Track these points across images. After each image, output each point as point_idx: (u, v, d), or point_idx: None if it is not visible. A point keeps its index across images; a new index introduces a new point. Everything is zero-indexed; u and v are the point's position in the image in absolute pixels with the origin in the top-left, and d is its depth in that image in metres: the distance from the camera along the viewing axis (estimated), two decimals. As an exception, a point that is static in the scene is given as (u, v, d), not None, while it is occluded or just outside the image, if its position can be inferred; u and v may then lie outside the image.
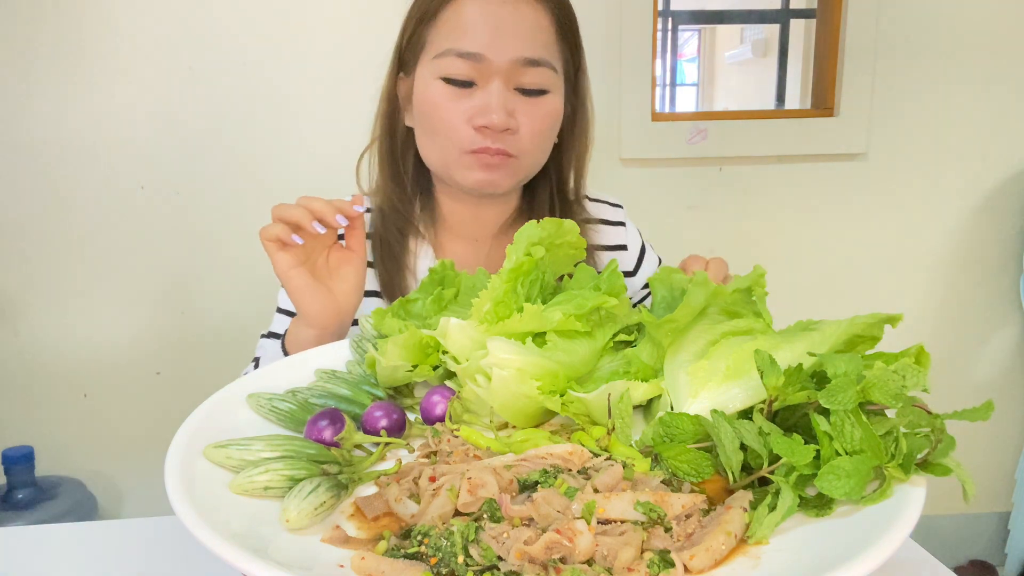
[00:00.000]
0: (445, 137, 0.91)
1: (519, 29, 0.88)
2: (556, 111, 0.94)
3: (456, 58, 0.88)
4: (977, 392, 2.13)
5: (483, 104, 0.88)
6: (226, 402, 0.65)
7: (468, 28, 0.88)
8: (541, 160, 0.97)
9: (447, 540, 0.45)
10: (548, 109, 0.92)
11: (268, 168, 1.84)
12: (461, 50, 0.87)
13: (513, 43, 0.87)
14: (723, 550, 0.45)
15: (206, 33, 1.76)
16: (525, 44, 0.88)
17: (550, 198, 1.03)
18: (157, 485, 0.53)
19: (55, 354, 1.87)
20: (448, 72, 0.89)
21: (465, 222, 1.02)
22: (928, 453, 0.50)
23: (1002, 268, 2.07)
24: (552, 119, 0.94)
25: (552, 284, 0.74)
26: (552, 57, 0.91)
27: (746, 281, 0.65)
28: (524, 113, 0.90)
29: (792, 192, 1.99)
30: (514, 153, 0.91)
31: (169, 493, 0.48)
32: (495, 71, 0.88)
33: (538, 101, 0.91)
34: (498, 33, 0.87)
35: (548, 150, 0.98)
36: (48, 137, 1.77)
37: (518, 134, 0.90)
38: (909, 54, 1.92)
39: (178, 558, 0.70)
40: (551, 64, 0.91)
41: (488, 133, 0.89)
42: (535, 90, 0.90)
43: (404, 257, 0.99)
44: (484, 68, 0.88)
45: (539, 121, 0.91)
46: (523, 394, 0.62)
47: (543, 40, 0.90)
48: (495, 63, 0.87)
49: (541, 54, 0.89)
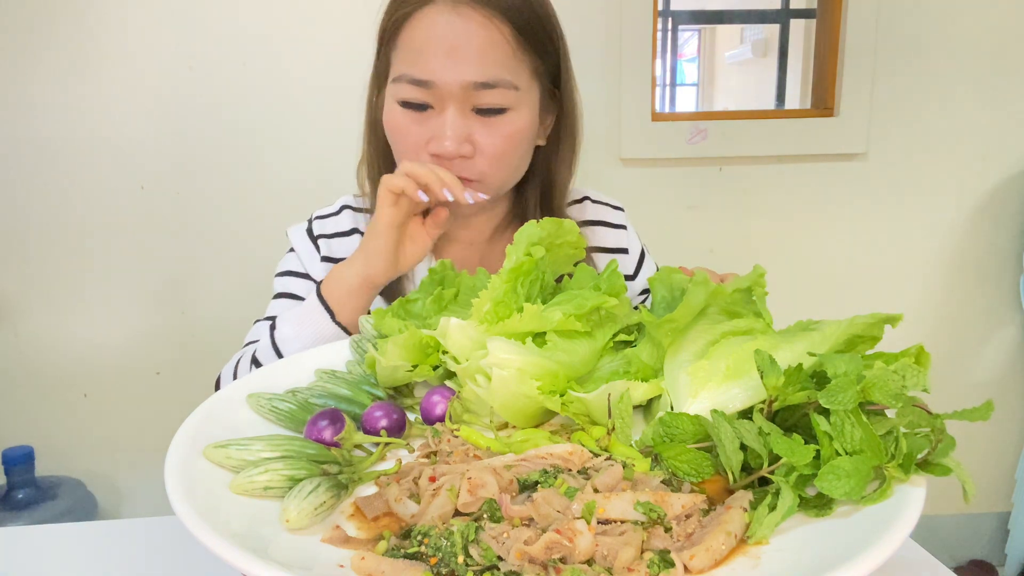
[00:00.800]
0: (408, 160, 0.90)
1: (468, 53, 0.85)
2: (519, 129, 0.91)
3: (408, 84, 0.87)
4: (977, 392, 2.13)
5: (437, 131, 0.87)
6: (226, 402, 0.65)
7: (419, 53, 0.87)
8: (511, 175, 0.95)
9: (447, 540, 0.45)
10: (509, 129, 0.90)
11: (268, 168, 1.84)
12: (412, 77, 0.87)
13: (463, 67, 0.85)
14: (723, 550, 0.45)
15: (206, 33, 1.76)
16: (476, 67, 0.86)
17: (539, 201, 1.02)
18: (157, 485, 0.53)
19: (55, 354, 1.87)
20: (404, 96, 0.88)
21: (455, 229, 1.02)
22: (928, 453, 0.50)
23: (1002, 268, 2.07)
24: (515, 138, 0.91)
25: (552, 284, 0.74)
26: (510, 74, 0.88)
27: (746, 281, 0.65)
28: (482, 135, 0.89)
29: (792, 192, 1.99)
30: (473, 177, 0.90)
31: (169, 493, 0.48)
32: (448, 96, 0.86)
33: (497, 121, 0.89)
34: (448, 57, 0.85)
35: (519, 165, 0.95)
36: (48, 137, 1.77)
37: (475, 159, 0.89)
38: (909, 54, 1.92)
39: (178, 558, 0.70)
40: (508, 83, 0.88)
41: (442, 161, 0.88)
42: (493, 110, 0.88)
43: None
44: (437, 94, 0.87)
45: (500, 142, 0.89)
46: (523, 394, 0.62)
47: (497, 58, 0.87)
48: (446, 89, 0.86)
49: (494, 75, 0.87)
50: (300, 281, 1.02)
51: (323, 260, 1.01)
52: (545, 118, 0.98)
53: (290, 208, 1.63)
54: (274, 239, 1.71)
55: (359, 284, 0.87)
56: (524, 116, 0.91)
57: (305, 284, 1.02)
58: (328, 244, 1.02)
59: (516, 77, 0.89)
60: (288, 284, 1.02)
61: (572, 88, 0.99)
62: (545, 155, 1.01)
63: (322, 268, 1.01)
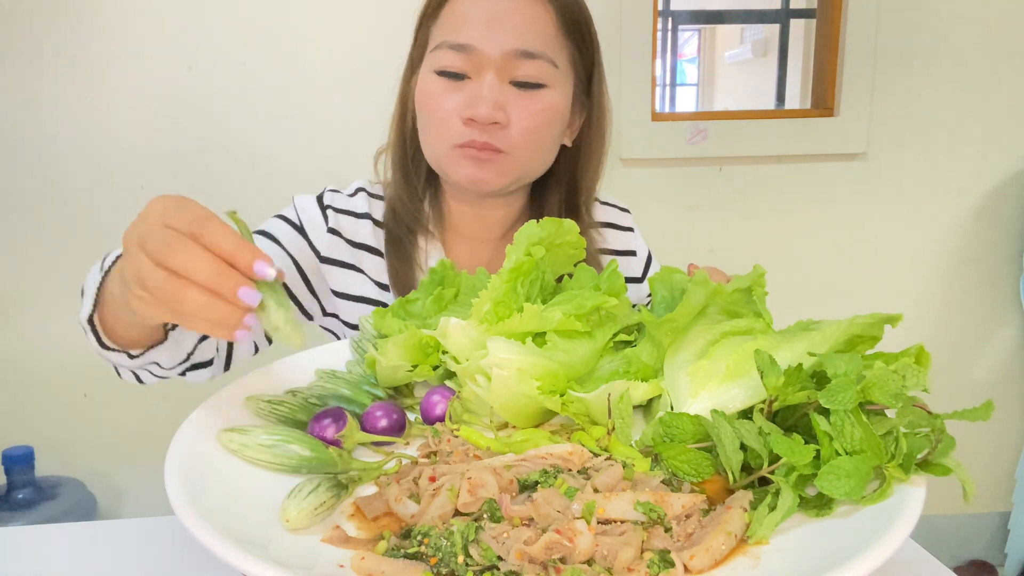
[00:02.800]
0: (437, 130, 0.90)
1: (514, 21, 0.86)
2: (553, 108, 0.90)
3: (449, 50, 0.87)
4: (977, 392, 2.13)
5: (472, 96, 0.86)
6: (226, 402, 0.65)
7: (463, 21, 0.87)
8: (538, 160, 0.94)
9: (447, 540, 0.45)
10: (544, 104, 0.89)
11: (268, 168, 1.84)
12: (453, 42, 0.87)
13: (506, 35, 0.85)
14: (723, 550, 0.45)
15: (206, 33, 1.76)
16: (519, 36, 0.86)
17: (559, 203, 1.01)
18: (157, 485, 0.53)
19: (55, 354, 1.87)
20: (442, 64, 0.88)
21: (468, 223, 1.01)
22: (928, 453, 0.50)
23: (1002, 268, 2.07)
24: (548, 115, 0.90)
25: (552, 284, 0.74)
26: (551, 51, 0.88)
27: (746, 281, 0.65)
28: (517, 107, 0.87)
29: (792, 192, 1.99)
30: (503, 148, 0.88)
31: (169, 493, 0.48)
32: (487, 63, 0.86)
33: (533, 95, 0.88)
34: (492, 25, 0.86)
35: (547, 150, 0.94)
36: (48, 136, 1.77)
37: (508, 129, 0.87)
38: (909, 54, 1.92)
39: (178, 558, 0.70)
40: (548, 57, 0.88)
41: (475, 126, 0.87)
42: (530, 84, 0.87)
43: (414, 253, 0.98)
44: (476, 60, 0.86)
45: (533, 116, 0.88)
46: (523, 394, 0.62)
47: (540, 32, 0.87)
48: (487, 55, 0.86)
49: (536, 46, 0.87)
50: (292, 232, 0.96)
51: (329, 232, 0.96)
52: (575, 119, 0.98)
53: (290, 208, 1.63)
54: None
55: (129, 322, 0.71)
56: (559, 97, 0.90)
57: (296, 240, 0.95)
58: (337, 218, 0.97)
59: (555, 56, 0.89)
60: (276, 227, 0.96)
61: (603, 91, 0.99)
62: (571, 156, 1.00)
63: (326, 240, 0.95)
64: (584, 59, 0.95)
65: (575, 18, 0.91)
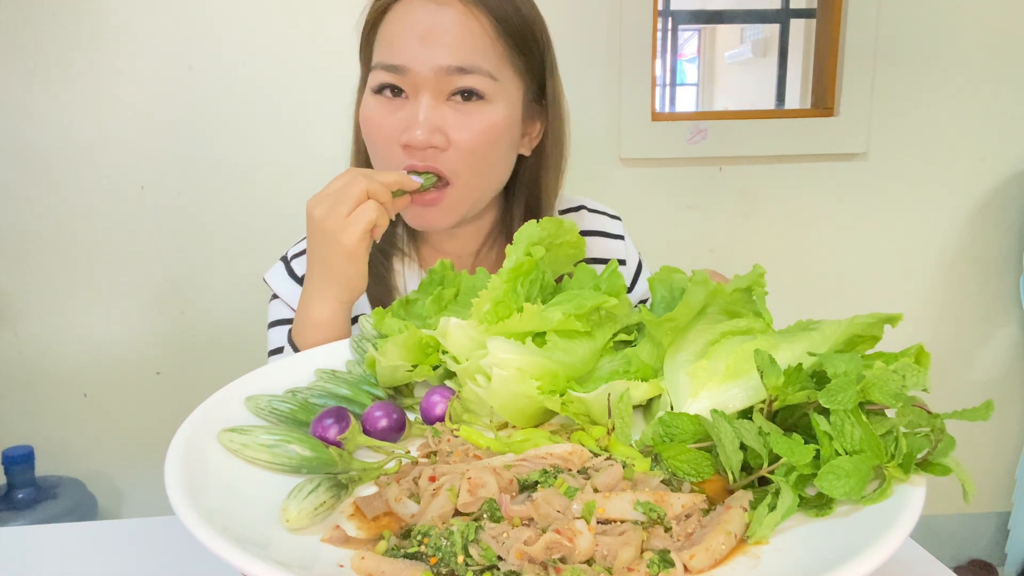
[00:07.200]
0: (381, 158, 0.88)
1: (445, 37, 0.84)
2: (496, 124, 0.87)
3: (383, 71, 0.86)
4: (977, 392, 2.13)
5: (408, 120, 0.85)
6: (226, 402, 0.65)
7: (394, 40, 0.86)
8: (487, 181, 0.91)
9: (447, 540, 0.45)
10: (485, 122, 0.86)
11: (268, 168, 1.84)
12: (387, 63, 0.85)
13: (438, 51, 0.83)
14: (723, 550, 0.45)
15: (206, 33, 1.77)
16: (451, 52, 0.83)
17: (524, 213, 0.99)
18: (157, 485, 0.53)
19: (55, 354, 1.87)
20: (378, 82, 0.87)
21: (443, 241, 1.00)
22: (928, 453, 0.50)
23: (1002, 268, 2.08)
24: (492, 134, 0.87)
25: (552, 284, 0.74)
26: (488, 63, 0.85)
27: (746, 281, 0.65)
28: (456, 127, 0.85)
29: (792, 192, 1.99)
30: (446, 173, 0.86)
31: (169, 493, 0.48)
32: (422, 83, 0.84)
33: (472, 112, 0.85)
34: (422, 43, 0.84)
35: (495, 168, 0.91)
36: (48, 137, 1.77)
37: (448, 152, 0.85)
38: (909, 54, 1.92)
39: (178, 558, 0.70)
40: (485, 71, 0.85)
41: (414, 152, 0.85)
42: (467, 95, 0.85)
43: (388, 277, 0.98)
44: (411, 80, 0.85)
45: (474, 136, 0.85)
46: (523, 394, 0.62)
47: (475, 46, 0.85)
48: (420, 73, 0.84)
49: (471, 61, 0.84)
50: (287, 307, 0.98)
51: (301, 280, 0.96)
52: (531, 127, 0.96)
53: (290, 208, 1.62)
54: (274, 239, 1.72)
55: (332, 315, 0.82)
56: (501, 111, 0.87)
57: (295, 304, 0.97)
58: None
59: (494, 69, 0.86)
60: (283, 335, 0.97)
61: (558, 94, 0.96)
62: (532, 166, 0.98)
63: None
64: (532, 65, 0.92)
65: (515, 26, 0.88)
